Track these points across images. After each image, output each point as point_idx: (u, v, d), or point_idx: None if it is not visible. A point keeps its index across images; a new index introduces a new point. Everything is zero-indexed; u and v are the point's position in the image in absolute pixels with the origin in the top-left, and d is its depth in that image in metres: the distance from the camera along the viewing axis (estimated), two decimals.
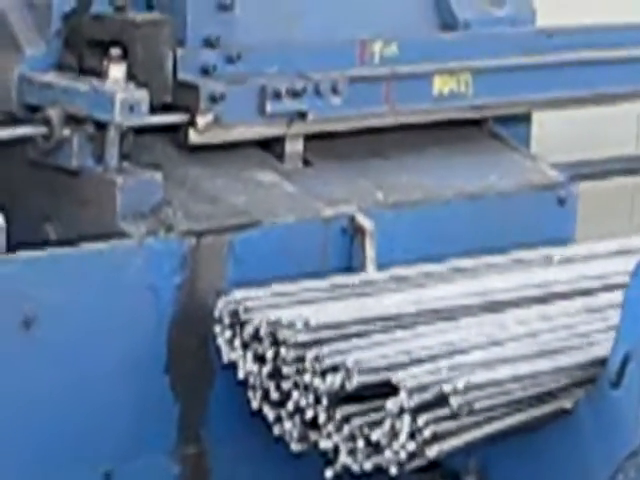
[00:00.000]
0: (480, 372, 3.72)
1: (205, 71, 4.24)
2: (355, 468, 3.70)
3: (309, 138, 4.47)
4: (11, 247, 3.75)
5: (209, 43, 4.26)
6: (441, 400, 3.58)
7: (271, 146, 4.45)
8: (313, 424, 3.76)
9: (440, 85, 4.54)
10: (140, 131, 4.07)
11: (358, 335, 3.85)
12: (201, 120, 4.17)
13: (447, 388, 3.57)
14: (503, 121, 5.04)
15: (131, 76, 3.98)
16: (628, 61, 4.89)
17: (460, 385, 3.58)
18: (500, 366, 3.79)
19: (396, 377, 3.60)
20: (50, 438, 3.79)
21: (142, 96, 3.93)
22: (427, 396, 3.59)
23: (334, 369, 3.68)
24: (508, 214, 4.57)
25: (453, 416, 3.61)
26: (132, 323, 3.91)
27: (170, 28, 4.17)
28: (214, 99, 4.19)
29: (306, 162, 4.48)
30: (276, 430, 3.85)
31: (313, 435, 3.77)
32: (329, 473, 3.74)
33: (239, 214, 4.18)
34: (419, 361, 3.75)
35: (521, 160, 4.82)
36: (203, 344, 3.99)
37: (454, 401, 3.56)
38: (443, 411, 3.59)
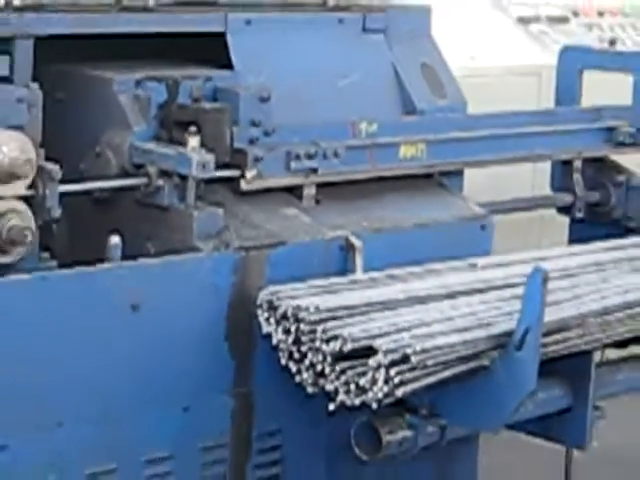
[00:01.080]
0: (429, 340, 3.78)
1: (251, 141, 4.24)
2: (349, 403, 3.77)
3: (319, 186, 4.48)
4: (124, 257, 3.84)
5: (254, 123, 4.27)
6: (405, 358, 3.68)
7: (294, 191, 4.46)
8: (321, 374, 3.82)
9: (404, 151, 4.58)
10: (209, 181, 4.11)
11: (350, 315, 3.90)
12: (248, 174, 4.23)
13: (409, 350, 3.67)
14: (445, 175, 4.94)
15: (203, 145, 4.04)
16: (526, 135, 5.16)
17: (418, 348, 3.68)
18: (438, 337, 3.84)
19: (375, 343, 3.70)
20: (148, 384, 3.84)
21: (210, 158, 3.99)
22: (396, 356, 3.68)
23: (335, 338, 3.76)
24: (448, 236, 4.61)
25: (413, 369, 3.69)
26: (202, 308, 3.97)
27: (229, 114, 4.21)
28: (257, 160, 4.24)
29: (317, 201, 4.49)
30: (297, 378, 3.91)
31: (321, 382, 3.83)
32: (331, 406, 3.83)
33: (272, 236, 4.21)
34: (390, 333, 3.81)
35: (457, 200, 4.87)
36: (250, 321, 4.01)
37: (414, 359, 3.66)
38: (407, 366, 3.67)
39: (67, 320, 3.63)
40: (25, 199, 3.71)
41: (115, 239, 3.77)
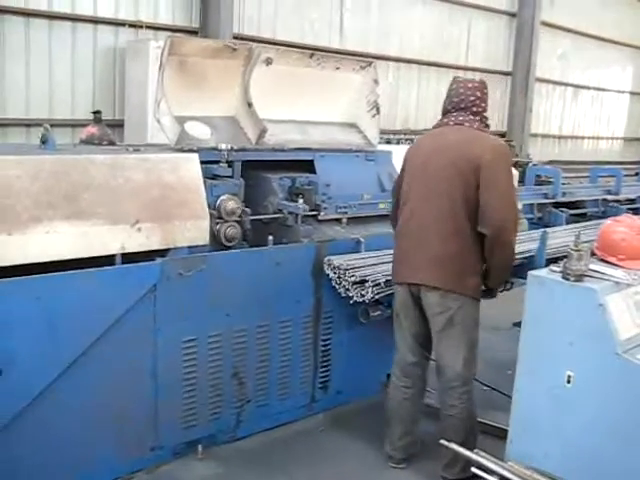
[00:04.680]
0: (387, 277, 3.85)
1: (322, 201, 4.29)
2: (358, 300, 3.89)
3: (348, 218, 4.43)
4: (274, 244, 4.01)
5: (323, 194, 4.32)
6: (378, 284, 3.85)
7: (338, 220, 4.39)
8: (347, 290, 3.91)
9: (381, 205, 4.51)
10: (305, 216, 4.18)
11: (359, 268, 3.97)
12: (322, 213, 4.31)
13: (379, 281, 3.85)
14: None
15: (304, 202, 4.14)
16: None
17: (383, 280, 3.85)
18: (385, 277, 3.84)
19: (367, 278, 3.87)
20: (279, 292, 3.94)
21: (307, 207, 4.14)
22: (375, 283, 3.86)
23: (353, 275, 3.90)
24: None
25: (381, 288, 3.86)
26: (304, 262, 4.02)
27: (314, 190, 4.27)
28: (325, 208, 4.31)
29: (347, 224, 4.42)
30: (338, 291, 3.97)
31: (348, 292, 3.91)
32: (351, 301, 3.94)
33: (330, 237, 4.24)
34: (374, 274, 3.91)
35: None
36: (321, 268, 4.03)
37: (381, 284, 3.85)
38: (379, 287, 3.86)
39: (248, 269, 3.78)
40: (237, 222, 3.87)
41: (270, 237, 3.97)
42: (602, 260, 3.22)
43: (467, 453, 3.21)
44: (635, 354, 2.78)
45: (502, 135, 14.51)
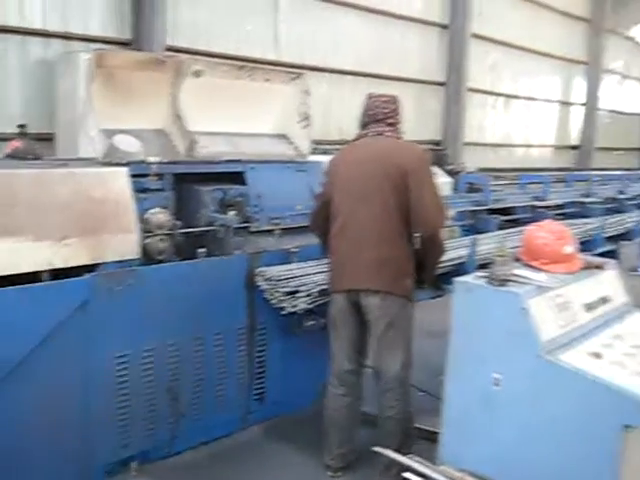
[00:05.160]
0: (319, 288, 3.88)
1: (255, 212, 4.29)
2: (290, 310, 3.89)
3: (281, 230, 4.41)
4: (207, 256, 3.94)
5: (255, 206, 4.29)
6: (310, 294, 3.88)
7: (271, 231, 4.37)
8: (281, 301, 3.90)
9: None
10: (237, 228, 4.10)
11: (292, 278, 3.98)
12: (253, 225, 4.27)
13: (312, 292, 3.87)
14: None
15: (236, 214, 4.09)
16: None
17: (315, 290, 3.89)
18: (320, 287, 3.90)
19: (300, 288, 3.90)
20: (213, 306, 3.92)
21: (238, 219, 4.09)
22: (308, 293, 3.89)
23: (286, 286, 3.91)
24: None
25: (313, 298, 3.89)
26: (237, 275, 4.00)
27: (245, 202, 4.26)
28: (256, 220, 4.30)
29: (280, 235, 4.38)
30: (271, 302, 3.96)
31: (281, 303, 3.90)
32: (283, 312, 3.93)
33: (262, 248, 4.20)
34: (306, 284, 3.94)
35: None
36: (253, 280, 4.00)
37: (314, 294, 3.89)
38: (311, 297, 3.88)
39: (179, 282, 3.73)
40: (167, 235, 3.79)
41: (202, 250, 3.92)
42: (526, 265, 3.30)
43: (400, 458, 3.24)
44: (557, 355, 2.85)
45: (437, 144, 14.78)
